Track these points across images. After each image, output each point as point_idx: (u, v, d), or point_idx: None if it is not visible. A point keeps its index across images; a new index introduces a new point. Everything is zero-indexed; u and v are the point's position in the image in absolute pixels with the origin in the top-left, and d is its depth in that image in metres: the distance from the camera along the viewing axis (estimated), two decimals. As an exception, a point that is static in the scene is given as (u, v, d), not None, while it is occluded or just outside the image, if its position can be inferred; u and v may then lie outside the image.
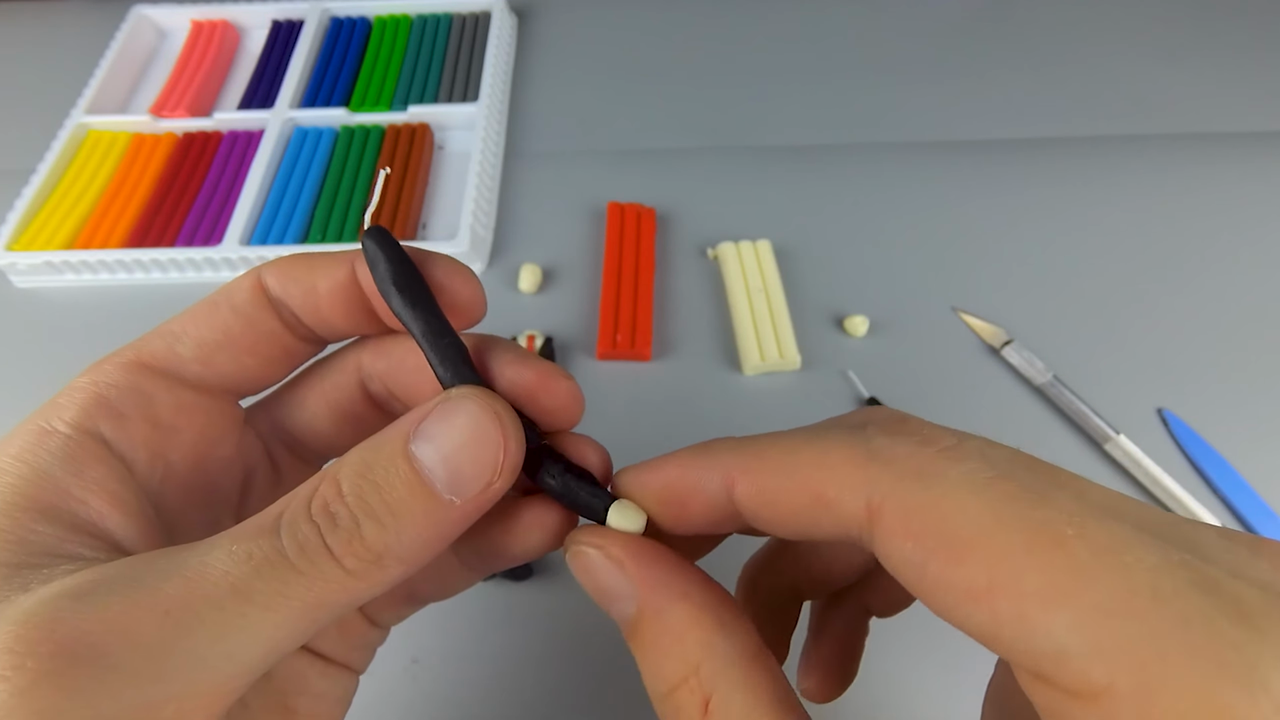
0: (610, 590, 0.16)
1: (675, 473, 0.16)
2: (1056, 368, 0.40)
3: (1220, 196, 0.47)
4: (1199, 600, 0.11)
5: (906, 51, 0.55)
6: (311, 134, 0.49)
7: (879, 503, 0.13)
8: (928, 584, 0.12)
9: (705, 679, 0.14)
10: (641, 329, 0.41)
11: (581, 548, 0.16)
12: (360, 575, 0.14)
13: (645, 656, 0.15)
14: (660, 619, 0.15)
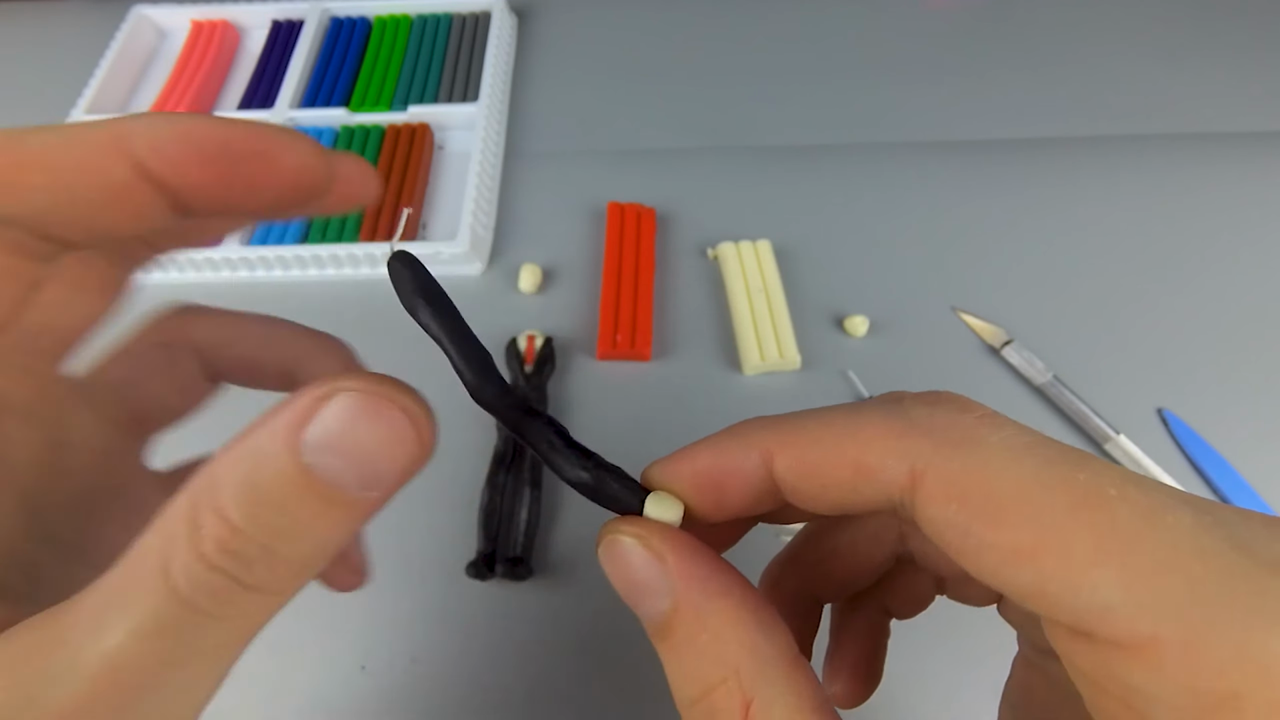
0: (645, 585, 0.15)
1: (710, 456, 0.16)
2: (1056, 368, 0.40)
3: (1220, 196, 0.47)
4: (1235, 556, 0.11)
5: (906, 51, 0.55)
6: (311, 134, 0.49)
7: (921, 469, 0.13)
8: (971, 546, 0.12)
9: (746, 681, 0.14)
10: (641, 329, 0.41)
11: (619, 537, 0.15)
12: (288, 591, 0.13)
13: (679, 656, 0.15)
14: (699, 617, 0.14)
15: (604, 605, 0.34)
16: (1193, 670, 0.11)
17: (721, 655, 0.14)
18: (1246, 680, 0.10)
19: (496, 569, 0.34)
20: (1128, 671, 0.11)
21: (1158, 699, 0.11)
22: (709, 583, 0.15)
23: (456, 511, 0.36)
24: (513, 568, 0.34)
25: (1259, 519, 0.12)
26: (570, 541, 0.36)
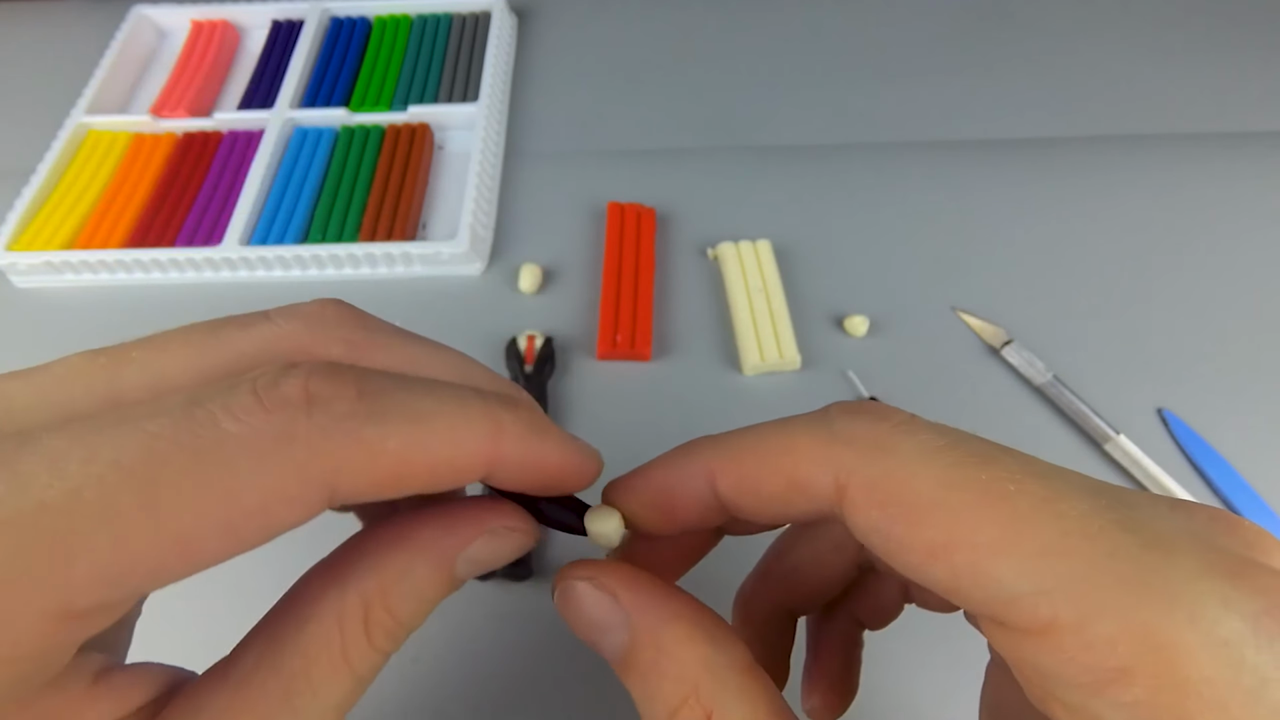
0: (601, 622, 0.16)
1: (660, 477, 0.17)
2: (1056, 368, 0.40)
3: (1220, 196, 0.47)
4: (1122, 537, 0.12)
5: (907, 51, 0.55)
6: (311, 134, 0.49)
7: (845, 478, 0.14)
8: (893, 547, 0.14)
9: (705, 695, 0.15)
10: (641, 329, 0.41)
11: (571, 582, 0.16)
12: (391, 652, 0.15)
13: (643, 683, 0.15)
14: (655, 641, 0.15)
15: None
16: (1086, 649, 0.12)
17: (681, 675, 0.15)
18: (1134, 654, 0.11)
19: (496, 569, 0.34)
20: (1035, 655, 0.12)
21: (1060, 678, 0.12)
22: (660, 609, 0.16)
23: (456, 511, 0.36)
24: (513, 568, 0.34)
25: (1150, 499, 0.13)
26: (570, 542, 0.36)
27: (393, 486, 0.13)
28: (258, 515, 0.12)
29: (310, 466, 0.12)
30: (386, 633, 0.14)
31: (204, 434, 0.11)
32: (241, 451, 0.11)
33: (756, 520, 0.16)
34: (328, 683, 0.13)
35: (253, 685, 0.13)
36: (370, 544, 0.15)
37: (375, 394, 0.13)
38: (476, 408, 0.14)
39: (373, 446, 0.13)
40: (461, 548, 0.15)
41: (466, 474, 0.14)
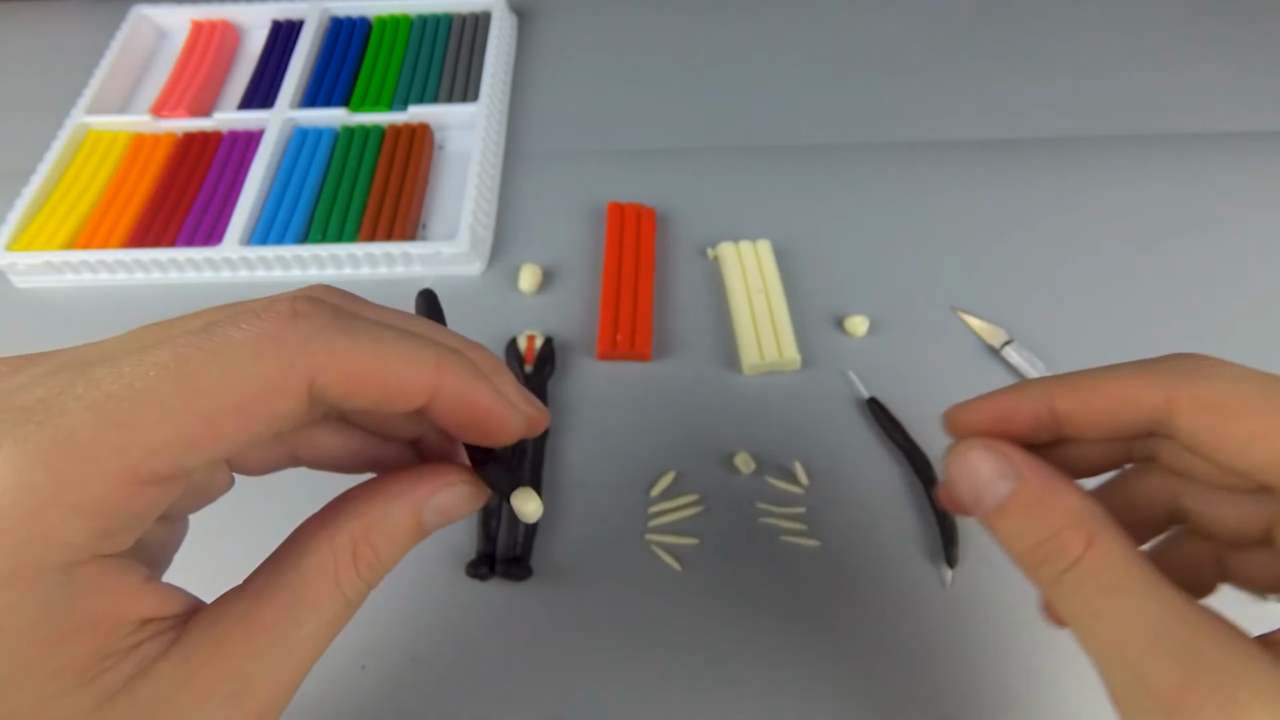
0: (991, 474, 0.20)
1: (1004, 400, 0.21)
2: (1056, 368, 0.40)
3: (1220, 196, 0.47)
4: None
5: (906, 51, 0.55)
6: (311, 134, 0.49)
7: (1175, 394, 0.18)
8: (1219, 440, 0.18)
9: (1088, 522, 0.18)
10: (641, 329, 0.41)
11: (968, 444, 0.20)
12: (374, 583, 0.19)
13: (1024, 517, 0.19)
14: (1044, 485, 0.19)
15: (604, 605, 0.34)
16: None
17: (1067, 508, 0.19)
18: None
19: (496, 569, 0.34)
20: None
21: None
22: (1046, 468, 0.20)
23: (456, 511, 0.36)
24: (513, 568, 0.34)
25: None
26: (570, 541, 0.36)
27: (356, 391, 0.17)
28: (261, 399, 0.15)
29: (296, 362, 0.16)
30: (369, 565, 0.18)
31: (218, 340, 0.15)
32: (245, 349, 0.15)
33: (1082, 434, 0.20)
34: (322, 600, 0.17)
35: (262, 601, 0.17)
36: (355, 496, 0.19)
37: (347, 317, 0.17)
38: (427, 345, 0.18)
39: (342, 354, 0.16)
40: (428, 497, 0.19)
41: (414, 394, 0.18)
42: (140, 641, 0.15)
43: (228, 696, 0.16)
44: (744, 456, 0.37)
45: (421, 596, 0.34)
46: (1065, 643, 0.33)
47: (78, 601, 0.14)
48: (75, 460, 0.13)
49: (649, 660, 0.33)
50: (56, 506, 0.13)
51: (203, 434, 0.15)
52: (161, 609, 0.16)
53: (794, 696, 0.32)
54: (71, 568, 0.14)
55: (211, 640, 0.16)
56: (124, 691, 0.15)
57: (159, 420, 0.14)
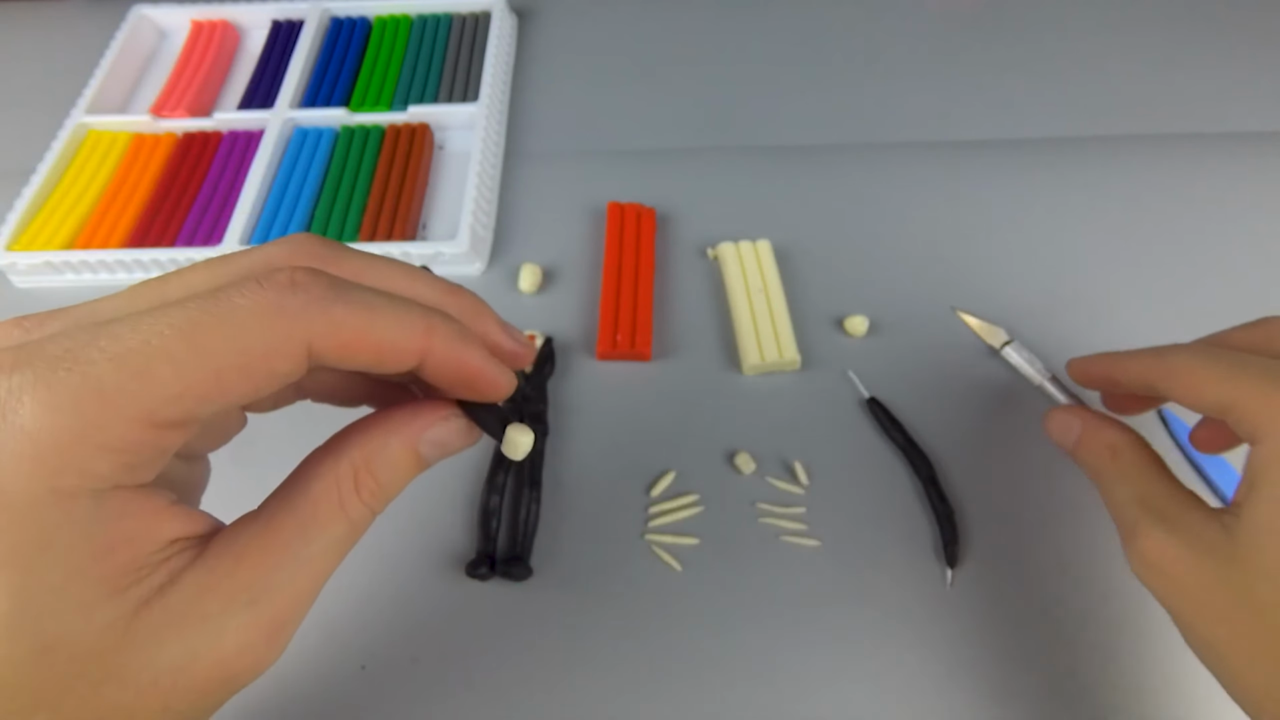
0: (1067, 424, 0.32)
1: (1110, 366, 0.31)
2: (1056, 368, 0.40)
3: (1220, 196, 0.47)
4: None
5: (907, 51, 0.55)
6: (311, 134, 0.49)
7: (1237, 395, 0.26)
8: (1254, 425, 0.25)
9: (1116, 444, 0.30)
10: (641, 329, 0.41)
11: (1055, 412, 0.33)
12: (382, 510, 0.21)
13: (1085, 449, 0.31)
14: (1093, 427, 0.31)
15: (604, 605, 0.34)
16: None
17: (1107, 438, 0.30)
18: None
19: (496, 569, 0.34)
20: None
21: None
22: (1099, 421, 0.31)
23: (456, 511, 0.36)
24: (513, 568, 0.34)
25: None
26: (570, 541, 0.36)
27: (351, 354, 0.19)
28: (262, 360, 0.17)
29: (295, 328, 0.17)
30: (371, 491, 0.20)
31: (224, 305, 0.17)
32: (249, 315, 0.17)
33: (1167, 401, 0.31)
34: (329, 521, 0.20)
35: (276, 522, 0.19)
36: (357, 429, 0.21)
37: (342, 287, 0.18)
38: (417, 310, 0.20)
39: (336, 320, 0.18)
40: (423, 429, 0.21)
41: (406, 356, 0.19)
42: (169, 557, 0.18)
43: (246, 603, 0.18)
44: (744, 456, 0.37)
45: (421, 596, 0.34)
46: (1065, 642, 0.33)
47: (110, 522, 0.16)
48: (100, 405, 0.16)
49: (649, 660, 0.33)
50: (85, 443, 0.16)
51: (210, 388, 0.17)
52: (187, 529, 0.18)
53: (794, 697, 0.32)
54: (101, 494, 0.16)
55: (231, 555, 0.18)
56: (157, 597, 0.17)
57: (172, 374, 0.16)
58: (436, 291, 0.22)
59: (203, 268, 0.19)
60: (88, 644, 0.16)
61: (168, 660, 0.17)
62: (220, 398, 0.17)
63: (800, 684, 0.32)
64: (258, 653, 0.18)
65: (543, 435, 0.38)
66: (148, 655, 0.17)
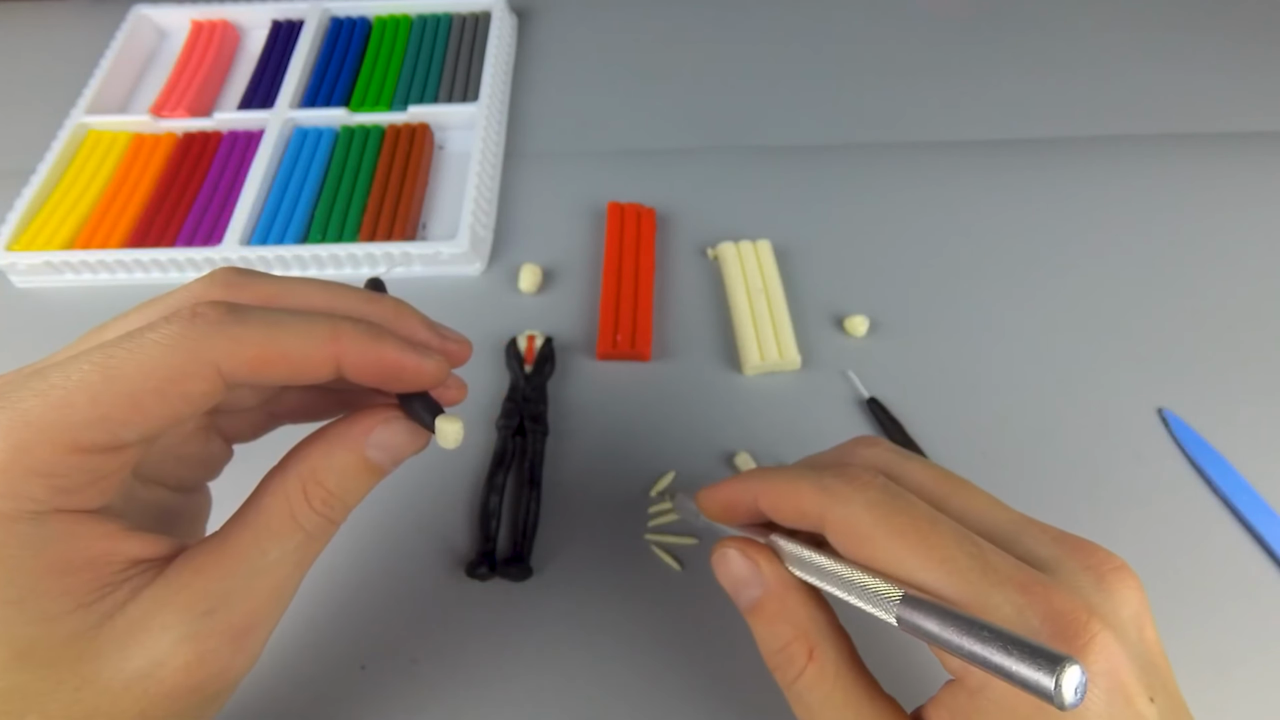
0: (744, 579, 0.25)
1: (728, 492, 0.27)
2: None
3: (1220, 196, 0.47)
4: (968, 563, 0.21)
5: (907, 52, 0.55)
6: (311, 134, 0.49)
7: (825, 515, 0.23)
8: (850, 554, 0.23)
9: (812, 637, 0.23)
10: (641, 329, 0.41)
11: (728, 551, 0.25)
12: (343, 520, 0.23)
13: (766, 625, 0.24)
14: (781, 599, 0.24)
15: (604, 605, 0.34)
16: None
17: (797, 621, 0.24)
18: None
19: (496, 569, 0.34)
20: None
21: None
22: (784, 579, 0.24)
23: (456, 511, 0.36)
24: (513, 568, 0.34)
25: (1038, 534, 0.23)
26: (570, 541, 0.36)
27: (261, 371, 0.20)
28: (173, 384, 0.18)
29: (200, 352, 0.19)
30: (322, 500, 0.21)
31: (136, 340, 0.18)
32: (156, 346, 0.18)
33: (780, 523, 0.25)
34: (282, 532, 0.21)
35: (232, 536, 0.21)
36: (306, 442, 0.22)
37: (241, 310, 0.20)
38: (320, 319, 0.21)
39: (236, 339, 0.19)
40: (365, 434, 0.22)
41: (318, 363, 0.20)
42: (132, 576, 0.19)
43: (204, 612, 0.19)
44: (744, 456, 0.37)
45: (421, 596, 0.34)
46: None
47: (56, 542, 0.18)
48: (27, 433, 0.17)
49: (649, 660, 0.33)
50: (16, 467, 0.17)
51: (127, 412, 0.18)
52: (148, 551, 0.20)
53: (794, 696, 0.32)
54: (39, 516, 0.18)
55: (190, 570, 0.20)
56: (119, 612, 0.19)
57: (89, 402, 0.18)
58: (354, 302, 0.23)
59: (135, 310, 0.21)
60: (57, 651, 0.18)
61: (134, 668, 0.18)
62: (141, 421, 0.18)
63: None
64: (222, 659, 0.20)
65: (543, 435, 0.38)
66: (115, 664, 0.18)
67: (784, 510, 0.24)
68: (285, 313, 0.20)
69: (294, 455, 0.22)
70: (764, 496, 0.25)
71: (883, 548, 0.22)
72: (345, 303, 0.23)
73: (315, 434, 0.23)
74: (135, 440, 0.19)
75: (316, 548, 0.22)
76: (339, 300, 0.23)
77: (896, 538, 0.21)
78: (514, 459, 0.37)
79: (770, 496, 0.25)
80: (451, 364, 0.24)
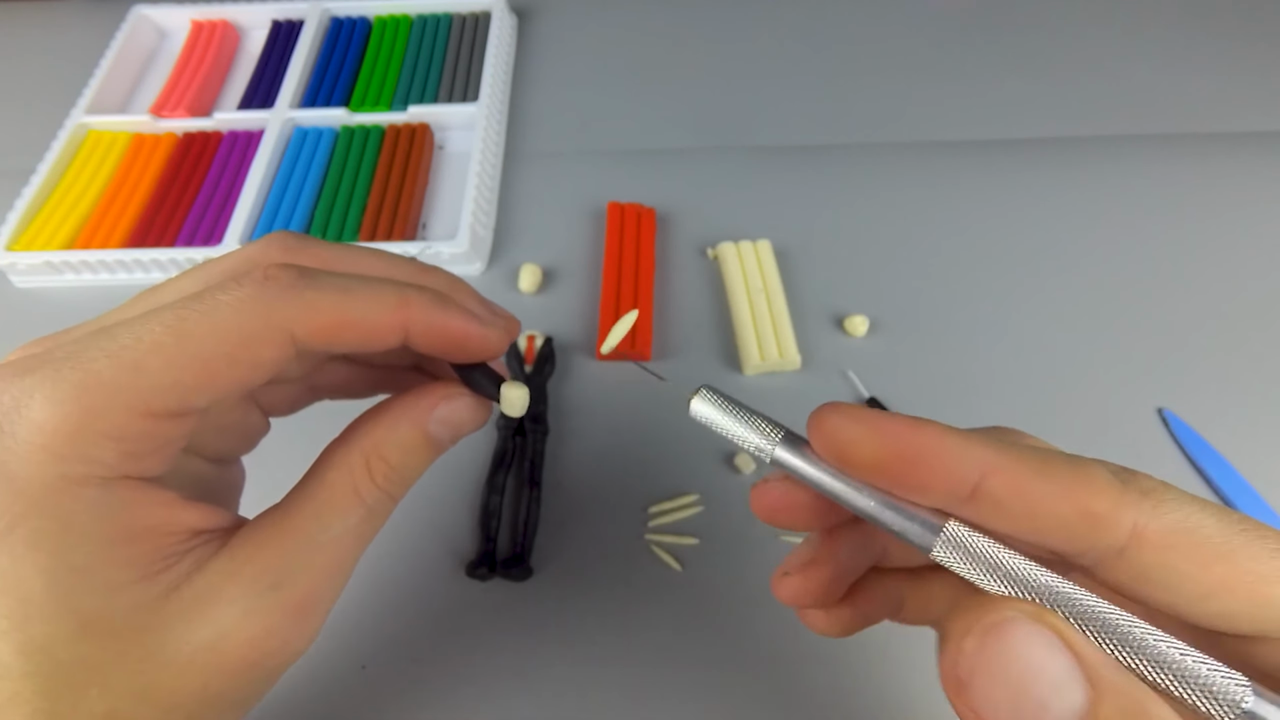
0: (1055, 679, 0.13)
1: (929, 439, 0.16)
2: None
3: (1220, 196, 0.47)
4: None
5: (907, 51, 0.55)
6: (311, 134, 0.49)
7: (1144, 523, 0.15)
8: (1179, 582, 0.15)
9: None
10: (641, 329, 0.41)
11: (1014, 618, 0.14)
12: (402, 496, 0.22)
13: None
14: (1129, 700, 0.14)
15: (604, 605, 0.34)
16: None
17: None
18: None
19: (496, 569, 0.34)
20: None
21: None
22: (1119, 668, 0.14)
23: (456, 511, 0.36)
24: (512, 568, 0.34)
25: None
26: (570, 541, 0.36)
27: (332, 336, 0.19)
28: (245, 348, 0.18)
29: (272, 316, 0.18)
30: (384, 475, 0.21)
31: (207, 302, 0.18)
32: (228, 308, 0.18)
33: (998, 527, 0.16)
34: (344, 506, 0.20)
35: (293, 510, 0.20)
36: (368, 416, 0.22)
37: (312, 274, 0.19)
38: (389, 286, 0.20)
39: (311, 304, 0.19)
40: (430, 410, 0.22)
41: (386, 330, 0.20)
42: (194, 547, 0.19)
43: (268, 586, 0.19)
44: (744, 456, 0.37)
45: (421, 596, 0.34)
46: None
47: (123, 509, 0.18)
48: (99, 396, 0.17)
49: (649, 660, 0.33)
50: (89, 431, 0.17)
51: (199, 377, 0.18)
52: (208, 522, 0.19)
53: (796, 697, 0.32)
54: (108, 482, 0.17)
55: (253, 544, 0.19)
56: (185, 583, 0.18)
57: (162, 366, 0.17)
58: (410, 271, 0.22)
59: (191, 273, 0.21)
60: (121, 622, 0.17)
61: (199, 640, 0.18)
62: (211, 386, 0.18)
63: (801, 683, 0.32)
64: (285, 634, 0.19)
65: (543, 435, 0.38)
66: (180, 636, 0.18)
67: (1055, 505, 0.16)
68: (354, 278, 0.20)
69: (357, 428, 0.22)
70: (1009, 475, 0.16)
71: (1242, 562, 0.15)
72: (404, 272, 0.22)
73: (377, 408, 0.22)
74: (203, 406, 0.18)
75: (377, 523, 0.21)
76: (397, 269, 0.22)
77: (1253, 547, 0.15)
78: (514, 459, 0.37)
79: (1024, 479, 0.16)
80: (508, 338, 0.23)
